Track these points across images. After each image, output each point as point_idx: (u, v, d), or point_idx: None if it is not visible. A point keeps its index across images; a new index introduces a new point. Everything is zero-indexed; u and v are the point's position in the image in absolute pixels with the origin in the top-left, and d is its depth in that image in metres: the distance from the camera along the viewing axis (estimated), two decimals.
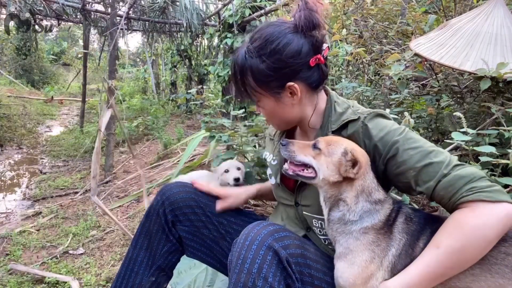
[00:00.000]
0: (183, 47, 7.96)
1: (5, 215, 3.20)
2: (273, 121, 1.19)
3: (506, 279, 0.83)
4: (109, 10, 5.48)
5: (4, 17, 5.73)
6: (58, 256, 2.38)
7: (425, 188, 0.91)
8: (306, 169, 1.01)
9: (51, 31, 6.91)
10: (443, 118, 1.79)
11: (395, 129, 0.98)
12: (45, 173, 4.45)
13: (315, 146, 1.00)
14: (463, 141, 1.25)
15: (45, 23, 6.60)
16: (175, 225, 1.27)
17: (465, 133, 1.26)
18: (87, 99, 7.05)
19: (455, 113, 1.38)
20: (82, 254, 2.42)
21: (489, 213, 0.82)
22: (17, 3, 5.37)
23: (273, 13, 4.60)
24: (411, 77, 1.87)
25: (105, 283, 2.04)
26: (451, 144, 1.40)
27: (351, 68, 3.01)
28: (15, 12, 5.43)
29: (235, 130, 2.23)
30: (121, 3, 5.96)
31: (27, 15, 5.50)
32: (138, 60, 17.29)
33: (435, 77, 1.87)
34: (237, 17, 5.18)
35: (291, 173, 1.03)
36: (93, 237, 2.63)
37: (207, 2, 6.48)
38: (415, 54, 1.64)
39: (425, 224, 0.95)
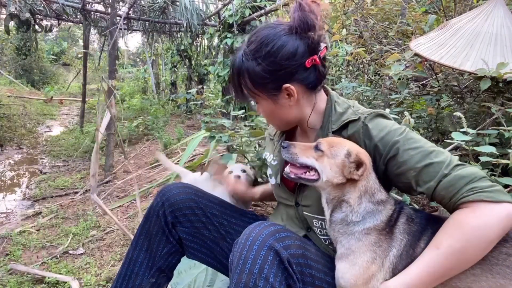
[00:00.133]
0: (183, 47, 7.95)
1: (5, 215, 3.19)
2: (272, 122, 1.20)
3: (507, 279, 0.83)
4: (109, 10, 5.48)
5: (4, 17, 5.73)
6: (58, 256, 2.38)
7: (425, 188, 0.91)
8: (308, 172, 1.00)
9: (51, 31, 6.91)
10: (443, 118, 1.79)
11: (395, 129, 0.98)
12: (45, 173, 4.45)
13: (317, 148, 0.99)
14: (463, 141, 1.25)
15: (45, 23, 6.60)
16: (175, 227, 1.27)
17: (465, 133, 1.26)
18: (87, 99, 7.05)
19: (455, 113, 1.38)
20: (82, 254, 2.42)
21: (489, 213, 0.82)
22: (17, 3, 5.37)
23: (273, 13, 4.60)
24: (411, 77, 1.87)
25: (105, 283, 2.04)
26: (451, 144, 1.40)
27: (351, 68, 3.01)
28: (15, 12, 5.43)
29: (235, 130, 2.23)
30: (121, 3, 5.96)
31: (27, 15, 5.49)
32: (138, 60, 17.29)
33: (435, 77, 1.87)
34: (237, 17, 5.19)
35: (293, 176, 1.01)
36: (93, 237, 2.63)
37: (207, 2, 6.47)
38: (415, 54, 1.64)
39: (426, 224, 0.95)
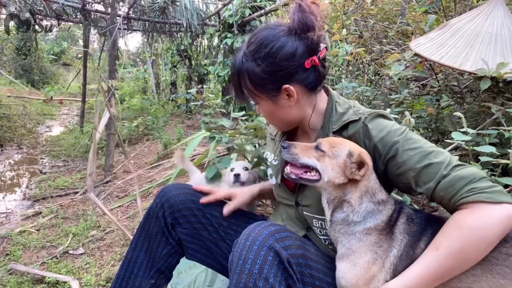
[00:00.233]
0: (183, 47, 7.95)
1: (5, 215, 3.20)
2: (273, 123, 1.20)
3: (507, 279, 0.83)
4: (109, 10, 5.48)
5: (4, 17, 5.73)
6: (58, 256, 2.38)
7: (425, 189, 0.91)
8: (309, 172, 1.00)
9: (51, 31, 6.91)
10: (443, 118, 1.78)
11: (395, 129, 0.98)
12: (45, 173, 4.45)
13: (318, 148, 0.99)
14: (463, 141, 1.25)
15: (45, 23, 6.60)
16: (174, 228, 1.27)
17: (465, 133, 1.25)
18: (87, 99, 7.05)
19: (455, 113, 1.38)
20: (82, 254, 2.42)
21: (489, 214, 0.81)
22: (17, 3, 5.37)
23: (273, 13, 4.60)
24: (411, 77, 1.87)
25: (105, 283, 2.04)
26: (451, 144, 1.40)
27: (351, 68, 3.00)
28: (15, 12, 5.43)
29: (236, 128, 2.23)
30: (121, 3, 5.96)
31: (27, 15, 5.49)
32: (138, 60, 17.28)
33: (435, 77, 1.87)
34: (237, 17, 5.19)
35: (294, 176, 1.01)
36: (93, 237, 2.63)
37: (207, 2, 6.47)
38: (415, 54, 1.64)
39: (426, 225, 0.94)
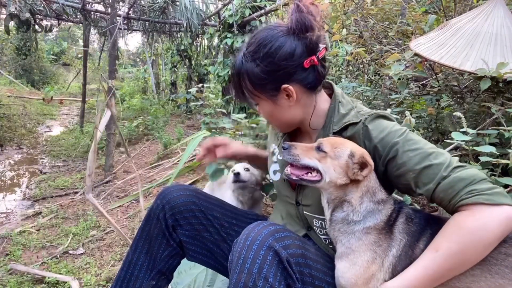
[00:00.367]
0: (183, 47, 7.95)
1: (5, 215, 3.20)
2: (273, 123, 1.21)
3: (506, 279, 0.83)
4: (109, 10, 5.48)
5: (4, 17, 5.73)
6: (58, 256, 2.38)
7: (424, 190, 0.91)
8: (310, 173, 0.99)
9: (51, 31, 6.90)
10: (443, 118, 1.79)
11: (395, 130, 0.98)
12: (45, 173, 4.45)
13: (319, 148, 0.98)
14: (463, 141, 1.25)
15: (45, 23, 6.59)
16: (175, 230, 1.26)
17: (465, 133, 1.26)
18: (87, 99, 7.05)
19: (455, 113, 1.38)
20: (82, 254, 2.42)
21: (488, 216, 0.81)
22: (17, 3, 5.37)
23: (273, 13, 4.60)
24: (411, 77, 1.87)
25: (105, 283, 2.04)
26: (451, 144, 1.40)
27: (351, 68, 3.01)
28: (15, 12, 5.42)
29: (237, 123, 2.23)
30: (121, 3, 5.96)
31: (27, 15, 5.49)
32: (138, 60, 17.28)
33: (435, 77, 1.87)
34: (237, 17, 5.19)
35: (294, 178, 1.00)
36: (93, 237, 2.63)
37: (207, 2, 6.47)
38: (415, 54, 1.64)
39: (425, 225, 0.94)
